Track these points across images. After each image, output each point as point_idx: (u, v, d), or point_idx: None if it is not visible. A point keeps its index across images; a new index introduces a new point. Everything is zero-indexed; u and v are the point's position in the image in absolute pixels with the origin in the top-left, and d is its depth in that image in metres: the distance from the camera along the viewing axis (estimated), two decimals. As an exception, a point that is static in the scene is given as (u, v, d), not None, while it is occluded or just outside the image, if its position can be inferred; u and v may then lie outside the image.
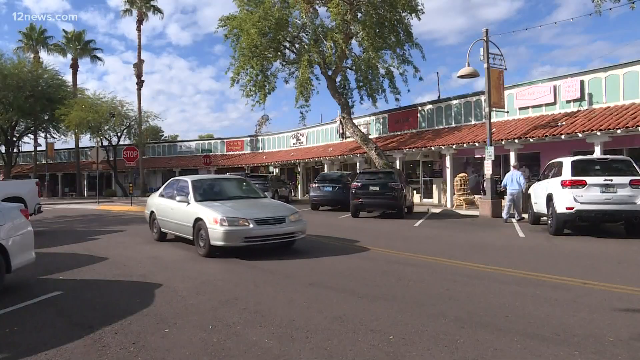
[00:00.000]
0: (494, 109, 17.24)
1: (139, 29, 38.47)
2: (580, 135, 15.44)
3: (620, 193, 9.93)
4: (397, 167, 22.69)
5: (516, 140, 17.35)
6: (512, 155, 17.87)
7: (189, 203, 8.81)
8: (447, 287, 5.72)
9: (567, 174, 10.56)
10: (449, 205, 20.52)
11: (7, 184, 14.76)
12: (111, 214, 19.46)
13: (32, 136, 41.80)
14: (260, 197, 10.07)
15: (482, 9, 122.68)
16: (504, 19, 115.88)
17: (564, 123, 16.73)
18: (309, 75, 21.54)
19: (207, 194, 9.35)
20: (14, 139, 39.89)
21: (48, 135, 42.11)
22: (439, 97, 29.47)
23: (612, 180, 10.03)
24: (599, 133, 14.86)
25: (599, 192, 10.04)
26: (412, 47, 22.87)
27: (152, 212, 10.56)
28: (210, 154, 39.05)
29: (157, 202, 10.42)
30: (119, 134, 38.09)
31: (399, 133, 26.07)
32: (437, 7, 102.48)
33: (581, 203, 10.08)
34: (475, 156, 20.81)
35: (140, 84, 38.39)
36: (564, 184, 10.39)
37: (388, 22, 21.49)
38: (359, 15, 21.57)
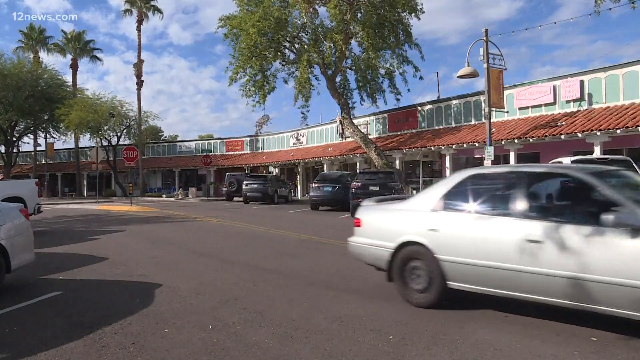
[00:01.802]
0: (494, 109, 17.25)
1: (139, 29, 38.53)
2: (580, 135, 15.45)
3: (620, 193, 9.91)
4: (397, 167, 22.70)
5: (516, 140, 17.36)
6: (512, 155, 17.88)
7: None
8: (447, 287, 5.71)
9: (566, 174, 10.56)
10: (448, 205, 20.50)
11: (7, 184, 14.74)
12: (111, 214, 19.46)
13: (31, 136, 41.86)
14: None
15: (483, 9, 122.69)
16: (505, 19, 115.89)
17: (563, 123, 16.74)
18: (308, 75, 21.57)
19: None
20: (14, 139, 39.90)
21: (48, 135, 42.15)
22: (438, 97, 29.48)
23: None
24: (598, 133, 14.87)
25: (599, 192, 10.02)
26: (412, 47, 22.93)
27: (409, 244, 4.98)
28: (210, 154, 39.08)
29: (440, 223, 4.80)
30: (118, 134, 38.12)
31: (398, 133, 26.08)
32: (438, 7, 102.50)
33: (581, 203, 10.05)
34: (475, 156, 20.81)
35: (140, 84, 38.44)
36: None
37: (388, 22, 21.52)
38: (359, 15, 21.59)
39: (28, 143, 43.84)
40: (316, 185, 20.05)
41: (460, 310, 4.71)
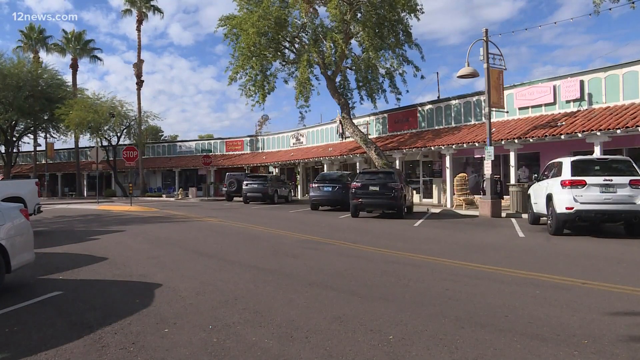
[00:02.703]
0: (494, 109, 17.26)
1: (138, 29, 38.57)
2: (580, 135, 15.45)
3: (620, 193, 9.95)
4: (397, 167, 22.71)
5: (516, 140, 17.37)
6: (512, 156, 17.88)
7: None
8: (447, 287, 5.71)
9: (566, 174, 10.57)
10: (448, 205, 20.52)
11: (7, 184, 14.72)
12: (111, 214, 19.45)
13: (31, 136, 41.89)
14: None
15: (484, 9, 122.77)
16: (507, 19, 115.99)
17: (563, 123, 16.74)
18: (308, 75, 21.58)
19: None
20: (14, 139, 39.91)
21: (48, 135, 42.18)
22: (438, 97, 29.54)
23: (611, 180, 10.04)
24: (598, 133, 14.87)
25: (599, 192, 10.06)
26: (412, 47, 22.96)
27: None
28: (210, 154, 39.11)
29: None
30: (118, 134, 38.15)
31: (398, 133, 26.09)
32: (439, 7, 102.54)
33: (581, 203, 10.09)
34: (475, 156, 20.82)
35: (140, 84, 38.47)
36: (563, 184, 10.40)
37: (388, 22, 21.54)
38: (359, 15, 21.60)
39: (28, 143, 43.96)
40: (316, 185, 20.06)
41: (460, 310, 4.71)
